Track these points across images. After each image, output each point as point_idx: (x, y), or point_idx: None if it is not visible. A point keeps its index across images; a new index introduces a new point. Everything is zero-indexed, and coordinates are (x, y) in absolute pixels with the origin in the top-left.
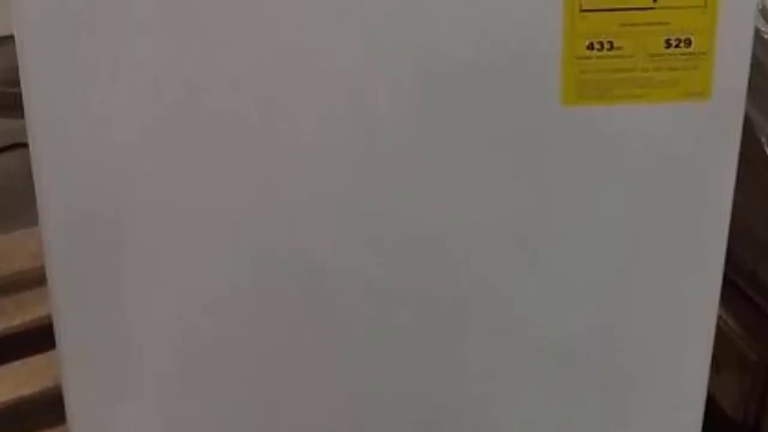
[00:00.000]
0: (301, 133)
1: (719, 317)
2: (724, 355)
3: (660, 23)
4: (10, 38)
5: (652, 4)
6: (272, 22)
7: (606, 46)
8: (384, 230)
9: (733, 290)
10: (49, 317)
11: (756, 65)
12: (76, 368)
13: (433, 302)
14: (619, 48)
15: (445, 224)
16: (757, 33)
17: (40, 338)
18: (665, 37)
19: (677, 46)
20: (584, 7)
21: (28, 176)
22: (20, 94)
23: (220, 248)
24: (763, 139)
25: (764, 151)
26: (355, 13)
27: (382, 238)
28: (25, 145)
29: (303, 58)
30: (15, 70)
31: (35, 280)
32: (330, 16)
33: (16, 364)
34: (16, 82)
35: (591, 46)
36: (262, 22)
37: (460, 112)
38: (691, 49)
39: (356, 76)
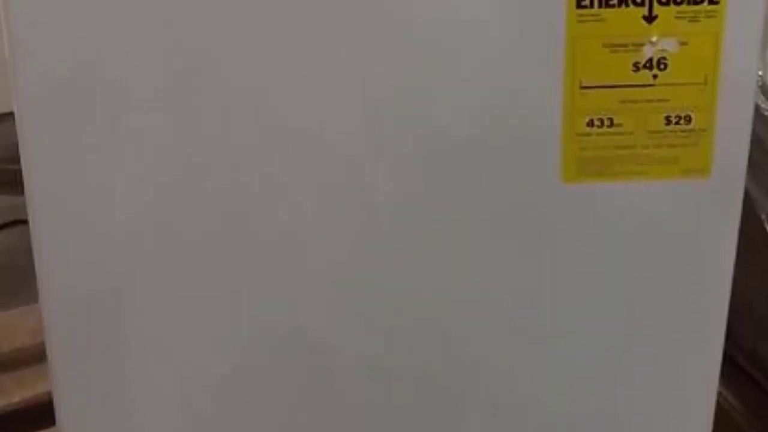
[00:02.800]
0: (302, 210)
1: (719, 393)
2: None
3: (660, 100)
4: (10, 115)
5: (651, 81)
6: (273, 100)
7: (606, 122)
8: (384, 308)
9: (733, 367)
10: (49, 394)
11: (756, 142)
12: None
13: (433, 380)
14: (619, 125)
15: (446, 302)
16: (757, 110)
17: (39, 415)
18: (665, 114)
19: (677, 123)
20: (584, 84)
21: (28, 253)
22: (20, 171)
23: (221, 326)
24: (764, 216)
25: (764, 228)
26: (355, 91)
27: (382, 316)
28: (25, 222)
29: (303, 136)
30: (15, 146)
31: (35, 357)
32: (330, 95)
33: None
34: (16, 159)
35: (591, 123)
36: (262, 101)
37: (461, 190)
38: (691, 126)
39: (356, 154)
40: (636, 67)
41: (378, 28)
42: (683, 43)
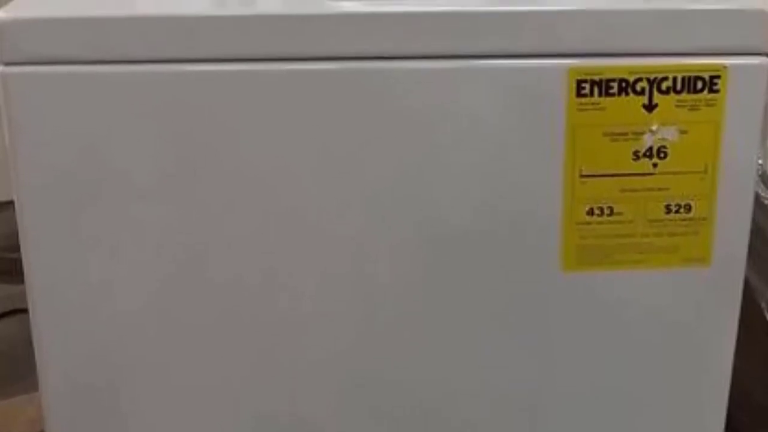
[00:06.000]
0: (303, 300)
1: None
2: None
3: (660, 189)
4: (10, 203)
5: (652, 170)
6: (273, 191)
7: (606, 211)
8: (385, 398)
9: None
10: None
11: (756, 230)
12: None
13: None
14: (619, 213)
15: (446, 392)
16: (757, 198)
17: None
18: (665, 203)
19: (677, 211)
20: (584, 173)
21: (28, 342)
22: (20, 260)
23: (222, 416)
24: (763, 305)
25: (764, 317)
26: (355, 181)
27: (383, 405)
28: (24, 311)
29: (304, 226)
30: (15, 235)
31: None
32: (331, 185)
33: None
34: (16, 248)
35: (591, 212)
36: (263, 192)
37: (461, 279)
38: (691, 215)
39: (357, 244)
40: (636, 155)
41: (379, 118)
42: (683, 132)
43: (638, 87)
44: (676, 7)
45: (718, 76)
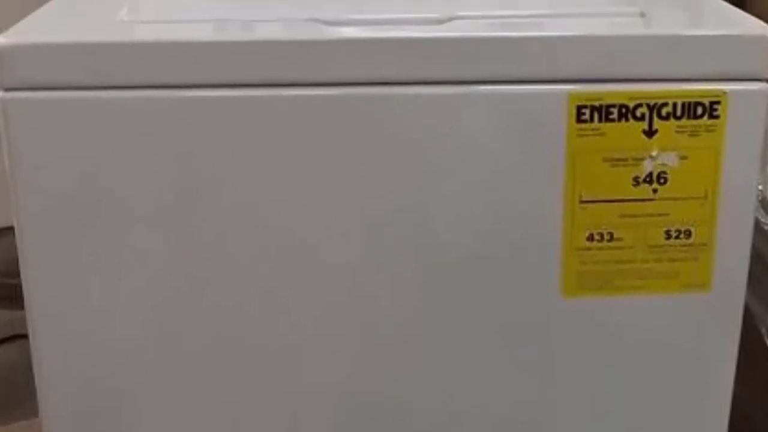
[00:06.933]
0: (302, 326)
1: None
2: None
3: (660, 214)
4: (10, 229)
5: (652, 196)
6: (273, 218)
7: (606, 237)
8: (385, 423)
9: None
10: None
11: (756, 256)
12: None
13: None
14: (620, 239)
15: (447, 417)
16: (757, 224)
17: None
18: (665, 229)
19: (677, 237)
20: (584, 198)
21: (28, 368)
22: (20, 286)
23: None
24: (763, 330)
25: (764, 342)
26: (356, 206)
27: (383, 430)
28: (25, 337)
29: (304, 251)
30: (15, 261)
31: None
32: (331, 210)
33: None
34: (16, 274)
35: (591, 238)
36: (262, 219)
37: (461, 305)
38: (691, 241)
39: (357, 270)
40: (636, 181)
41: (379, 144)
42: (683, 158)
43: (638, 113)
44: (676, 33)
45: (718, 102)
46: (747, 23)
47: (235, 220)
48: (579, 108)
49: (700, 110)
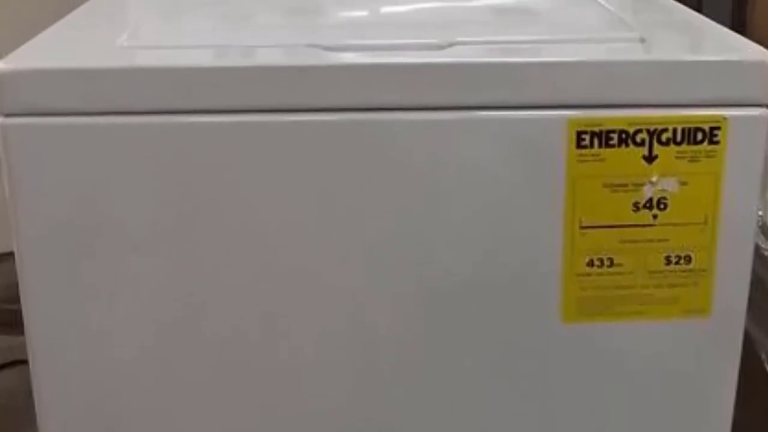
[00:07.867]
0: (302, 350)
1: None
2: None
3: (660, 240)
4: (10, 255)
5: (652, 221)
6: (272, 242)
7: (606, 262)
8: None
9: None
10: None
11: (756, 282)
12: None
13: None
14: (620, 265)
15: None
16: (757, 250)
17: None
18: (665, 254)
19: (677, 263)
20: (584, 224)
21: (28, 393)
22: (20, 311)
23: None
24: (764, 356)
25: (764, 368)
26: (356, 232)
27: None
28: (25, 362)
29: (303, 276)
30: (15, 287)
31: None
32: (331, 236)
33: None
34: (16, 299)
35: (591, 263)
36: (262, 243)
37: (461, 330)
38: (691, 266)
39: (357, 295)
40: (636, 206)
41: (379, 170)
42: (683, 183)
43: (638, 138)
44: (676, 59)
45: (719, 128)
46: (747, 49)
47: (234, 245)
48: (579, 133)
49: (700, 136)
